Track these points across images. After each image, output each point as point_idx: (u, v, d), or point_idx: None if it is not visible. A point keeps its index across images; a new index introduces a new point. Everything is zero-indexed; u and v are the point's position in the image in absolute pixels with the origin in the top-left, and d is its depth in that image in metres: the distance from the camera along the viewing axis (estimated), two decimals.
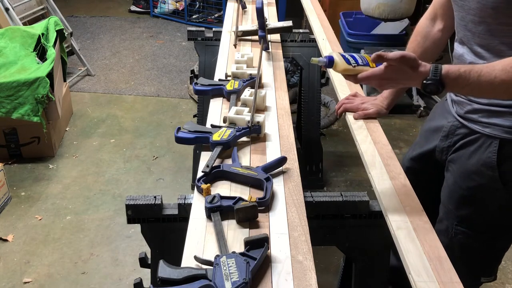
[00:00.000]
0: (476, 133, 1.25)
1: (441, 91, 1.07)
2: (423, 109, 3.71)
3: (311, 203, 1.22)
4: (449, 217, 1.35)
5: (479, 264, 1.41)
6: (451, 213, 1.34)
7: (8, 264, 2.28)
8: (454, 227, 1.33)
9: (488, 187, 1.25)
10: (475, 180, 1.26)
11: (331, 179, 2.97)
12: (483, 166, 1.23)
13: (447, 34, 1.46)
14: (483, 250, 1.35)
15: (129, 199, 1.23)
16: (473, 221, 1.32)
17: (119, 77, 4.27)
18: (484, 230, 1.32)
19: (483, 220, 1.31)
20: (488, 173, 1.23)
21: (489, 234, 1.33)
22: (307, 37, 2.47)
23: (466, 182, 1.28)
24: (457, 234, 1.34)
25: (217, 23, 5.41)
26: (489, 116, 1.22)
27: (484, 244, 1.34)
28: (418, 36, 1.48)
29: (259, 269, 0.94)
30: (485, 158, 1.23)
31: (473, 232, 1.32)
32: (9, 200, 2.68)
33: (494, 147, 1.21)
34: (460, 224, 1.33)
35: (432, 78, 1.05)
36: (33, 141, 3.02)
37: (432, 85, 1.05)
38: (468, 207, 1.31)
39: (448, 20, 1.42)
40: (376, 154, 1.34)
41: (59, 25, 3.36)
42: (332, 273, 2.18)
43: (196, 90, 1.67)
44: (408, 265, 0.97)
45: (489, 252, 1.38)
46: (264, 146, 1.37)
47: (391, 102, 1.53)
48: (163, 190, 2.80)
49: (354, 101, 1.55)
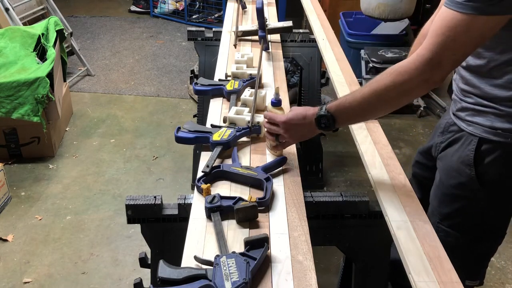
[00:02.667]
0: (462, 131, 1.26)
1: (333, 124, 1.16)
2: (423, 109, 3.71)
3: (311, 203, 1.22)
4: (433, 214, 1.35)
5: (462, 266, 1.41)
6: (435, 210, 1.35)
7: (8, 264, 2.28)
8: (437, 224, 1.33)
9: (467, 187, 1.26)
10: (455, 178, 1.28)
11: (331, 179, 2.97)
12: (462, 163, 1.25)
13: None
14: (464, 251, 1.35)
15: (129, 199, 1.23)
16: (454, 220, 1.32)
17: (119, 77, 4.27)
18: (464, 230, 1.32)
19: (463, 220, 1.31)
20: (466, 171, 1.24)
21: (470, 235, 1.33)
22: (307, 37, 2.47)
23: (448, 180, 1.30)
24: (438, 232, 1.34)
25: (217, 23, 5.41)
26: (473, 115, 1.23)
27: (465, 245, 1.34)
28: (422, 39, 1.48)
29: (259, 269, 0.95)
30: (464, 156, 1.24)
31: (454, 231, 1.33)
32: (9, 200, 2.68)
33: (473, 145, 1.22)
34: (441, 222, 1.34)
35: (320, 114, 1.16)
36: (33, 141, 3.02)
37: (323, 118, 1.16)
38: (450, 206, 1.32)
39: None
40: (376, 154, 1.34)
41: (59, 25, 3.36)
42: (332, 273, 2.18)
43: (196, 90, 1.67)
44: (408, 265, 0.97)
45: (471, 254, 1.37)
46: (264, 146, 1.37)
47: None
48: (163, 190, 2.80)
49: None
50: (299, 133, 1.24)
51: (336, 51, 1.99)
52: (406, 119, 3.67)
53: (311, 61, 2.56)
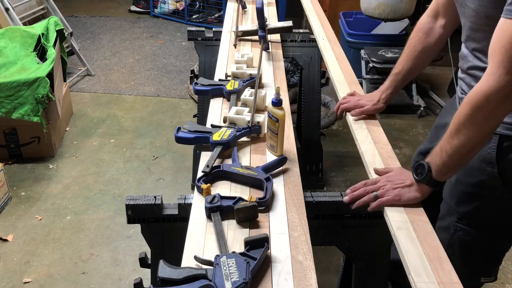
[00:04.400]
0: None
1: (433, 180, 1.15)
2: (423, 109, 3.71)
3: (311, 203, 1.22)
4: (450, 213, 1.35)
5: (479, 263, 1.41)
6: (452, 209, 1.34)
7: (8, 264, 2.28)
8: (454, 223, 1.33)
9: (488, 184, 1.25)
10: (475, 177, 1.27)
11: (331, 179, 2.97)
12: (483, 162, 1.24)
13: (448, 31, 1.46)
14: (482, 248, 1.35)
15: (129, 199, 1.22)
16: (473, 219, 1.32)
17: (119, 77, 4.27)
18: (484, 228, 1.32)
19: (483, 218, 1.31)
20: (488, 169, 1.23)
21: (488, 232, 1.33)
22: (307, 37, 2.47)
23: (467, 179, 1.29)
24: (456, 231, 1.34)
25: (217, 23, 5.41)
26: None
27: (483, 243, 1.34)
28: (420, 32, 1.48)
29: (259, 269, 0.95)
30: (485, 154, 1.23)
31: (473, 230, 1.32)
32: (9, 200, 2.68)
33: (493, 143, 1.21)
34: (460, 220, 1.33)
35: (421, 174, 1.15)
36: (33, 141, 3.02)
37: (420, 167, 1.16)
38: (469, 204, 1.31)
39: (450, 17, 1.43)
40: (376, 154, 1.34)
41: (59, 25, 3.36)
42: (332, 273, 2.18)
43: (196, 90, 1.67)
44: (408, 265, 0.97)
45: (489, 251, 1.38)
46: (264, 146, 1.37)
47: (389, 97, 1.53)
48: (163, 190, 2.80)
49: (351, 99, 1.56)
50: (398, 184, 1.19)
51: (336, 51, 1.99)
52: (406, 119, 3.67)
53: (311, 61, 2.56)
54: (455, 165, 1.14)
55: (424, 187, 1.15)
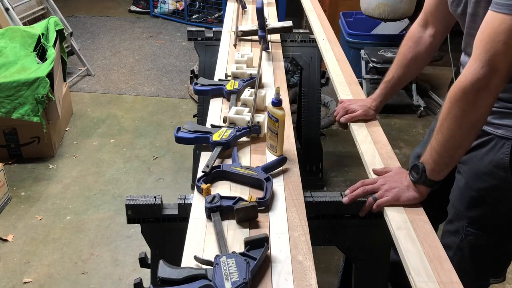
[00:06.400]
0: (489, 134, 1.25)
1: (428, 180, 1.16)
2: (423, 109, 3.71)
3: (311, 203, 1.22)
4: (459, 218, 1.34)
5: (489, 265, 1.40)
6: (462, 214, 1.33)
7: (8, 264, 2.28)
8: (465, 228, 1.33)
9: (500, 188, 1.25)
10: (487, 182, 1.26)
11: (331, 179, 2.97)
12: (496, 167, 1.23)
13: (438, 39, 1.49)
14: (493, 251, 1.35)
15: (129, 199, 1.22)
16: (484, 222, 1.31)
17: (119, 77, 4.27)
18: (495, 231, 1.32)
19: (494, 221, 1.31)
20: (501, 174, 1.23)
21: (500, 235, 1.32)
22: (307, 37, 2.47)
23: (478, 184, 1.28)
24: (467, 236, 1.33)
25: (217, 23, 5.41)
26: (501, 118, 1.22)
27: (495, 245, 1.34)
28: (410, 41, 1.51)
29: (259, 269, 0.94)
30: (497, 159, 1.22)
31: (484, 233, 1.32)
32: (9, 200, 2.68)
33: (506, 148, 1.21)
34: (470, 225, 1.32)
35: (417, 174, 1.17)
36: (33, 141, 3.02)
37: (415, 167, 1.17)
38: (479, 209, 1.30)
39: (439, 26, 1.45)
40: (376, 154, 1.34)
41: (59, 25, 3.36)
42: (332, 273, 2.18)
43: (196, 90, 1.67)
44: (408, 265, 0.97)
45: (500, 253, 1.38)
46: (264, 146, 1.37)
47: (380, 104, 1.55)
48: (163, 190, 2.80)
49: (344, 103, 1.57)
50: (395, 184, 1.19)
51: (336, 51, 1.99)
52: (406, 119, 3.67)
53: (311, 61, 2.56)
54: (446, 162, 1.14)
55: (421, 188, 1.16)
